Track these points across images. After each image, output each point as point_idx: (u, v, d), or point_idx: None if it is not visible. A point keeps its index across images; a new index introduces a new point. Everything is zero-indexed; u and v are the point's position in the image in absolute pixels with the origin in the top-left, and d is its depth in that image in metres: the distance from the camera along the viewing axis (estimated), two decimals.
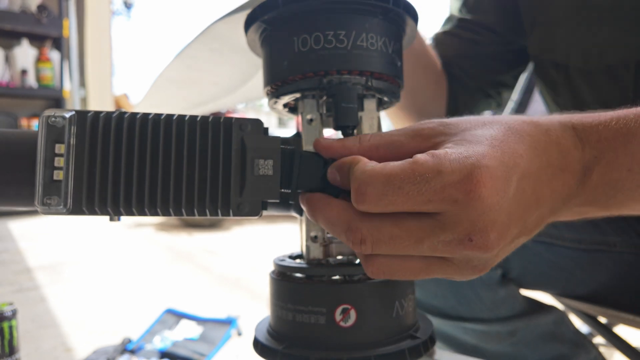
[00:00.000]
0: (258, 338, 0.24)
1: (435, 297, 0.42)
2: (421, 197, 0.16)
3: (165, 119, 0.20)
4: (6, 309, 0.59)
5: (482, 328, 0.41)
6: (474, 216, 0.16)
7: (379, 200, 0.16)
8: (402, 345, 0.22)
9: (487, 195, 0.16)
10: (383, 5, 0.22)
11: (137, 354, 0.89)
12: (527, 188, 0.17)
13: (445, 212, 0.16)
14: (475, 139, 0.17)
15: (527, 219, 0.18)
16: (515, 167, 0.17)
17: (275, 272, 0.25)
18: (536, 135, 0.18)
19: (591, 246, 0.41)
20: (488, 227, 0.16)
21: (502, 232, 0.17)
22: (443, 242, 0.17)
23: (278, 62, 0.23)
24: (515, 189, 0.17)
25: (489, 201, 0.16)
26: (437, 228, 0.17)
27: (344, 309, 0.21)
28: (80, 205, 0.19)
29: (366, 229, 0.17)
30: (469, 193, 0.16)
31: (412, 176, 0.16)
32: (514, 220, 0.17)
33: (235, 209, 0.20)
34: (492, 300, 0.41)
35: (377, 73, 0.23)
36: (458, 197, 0.16)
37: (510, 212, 0.17)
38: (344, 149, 0.20)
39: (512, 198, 0.17)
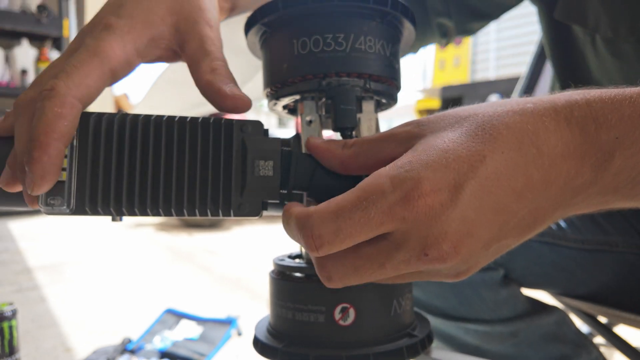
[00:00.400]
0: (258, 337, 0.24)
1: (437, 297, 0.42)
2: (372, 221, 0.16)
3: (166, 120, 0.20)
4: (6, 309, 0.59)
5: (484, 329, 0.41)
6: (423, 231, 0.16)
7: (335, 237, 0.16)
8: (400, 343, 0.22)
9: (429, 208, 0.16)
10: (381, 8, 0.22)
11: (137, 354, 0.89)
12: (494, 189, 0.16)
13: (396, 231, 0.16)
14: (430, 146, 0.17)
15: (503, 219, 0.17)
16: (470, 172, 0.16)
17: (274, 271, 0.25)
18: (521, 127, 0.17)
19: (594, 246, 0.41)
20: (439, 239, 0.16)
21: (458, 240, 0.16)
22: (402, 261, 0.17)
23: (278, 64, 0.24)
24: (472, 193, 0.16)
25: (432, 213, 0.16)
26: (392, 249, 0.17)
27: (343, 308, 0.22)
28: (83, 205, 0.19)
29: (331, 266, 0.18)
30: (412, 209, 0.16)
31: (359, 203, 0.16)
32: (477, 225, 0.16)
33: (235, 209, 0.20)
34: (494, 300, 0.41)
35: (375, 75, 0.23)
36: (404, 214, 0.16)
37: (465, 219, 0.16)
38: (327, 152, 0.20)
39: (467, 204, 0.16)
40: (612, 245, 0.41)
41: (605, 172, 0.17)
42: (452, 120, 0.18)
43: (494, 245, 0.17)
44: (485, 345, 0.42)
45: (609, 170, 0.17)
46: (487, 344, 0.42)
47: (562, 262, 0.42)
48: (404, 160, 0.17)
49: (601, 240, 0.41)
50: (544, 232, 0.41)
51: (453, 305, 0.41)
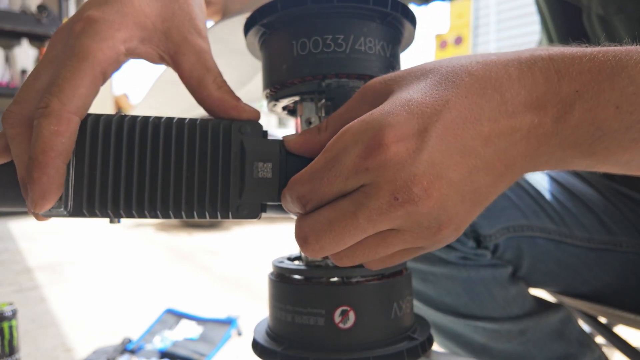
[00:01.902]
0: (257, 339, 0.24)
1: (449, 294, 0.41)
2: (340, 178, 0.17)
3: (165, 122, 0.20)
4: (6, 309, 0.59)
5: (493, 327, 0.41)
6: (390, 176, 0.16)
7: (314, 196, 0.18)
8: (400, 346, 0.22)
9: (394, 154, 0.16)
10: (381, 9, 0.22)
11: (137, 354, 0.89)
12: (460, 132, 0.16)
13: (367, 182, 0.17)
14: (395, 98, 0.17)
15: (472, 163, 0.17)
16: (434, 115, 0.16)
17: (274, 273, 0.25)
18: (484, 74, 0.17)
19: (599, 245, 0.41)
20: (408, 182, 0.16)
21: (429, 182, 0.16)
22: (375, 210, 0.17)
23: (277, 65, 0.24)
24: (437, 137, 0.16)
25: (398, 159, 0.16)
26: (364, 199, 0.17)
27: (343, 311, 0.22)
28: (80, 207, 0.19)
29: (306, 224, 0.18)
30: (374, 159, 0.16)
31: (325, 163, 0.17)
32: (446, 167, 0.16)
33: (234, 211, 0.20)
34: (504, 298, 0.41)
35: (375, 77, 0.23)
36: (367, 165, 0.16)
37: (432, 162, 0.16)
38: (306, 143, 0.20)
39: (433, 147, 0.16)
40: (617, 244, 0.41)
41: (565, 124, 0.17)
42: (418, 73, 0.18)
43: (467, 191, 0.17)
44: (493, 343, 0.42)
45: (568, 122, 0.17)
46: (494, 342, 0.42)
47: (567, 259, 0.42)
48: (367, 114, 0.17)
49: (606, 239, 0.41)
50: (550, 229, 0.41)
51: (464, 302, 0.41)
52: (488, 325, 0.41)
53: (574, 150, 0.17)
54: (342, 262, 0.19)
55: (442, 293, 0.42)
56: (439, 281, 0.41)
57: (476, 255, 0.40)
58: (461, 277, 0.40)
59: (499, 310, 0.41)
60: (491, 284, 0.41)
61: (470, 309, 0.41)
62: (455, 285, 0.41)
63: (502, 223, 0.39)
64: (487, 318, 0.41)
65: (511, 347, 0.42)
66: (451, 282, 0.41)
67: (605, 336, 0.46)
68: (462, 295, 0.41)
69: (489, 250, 0.41)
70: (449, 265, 0.40)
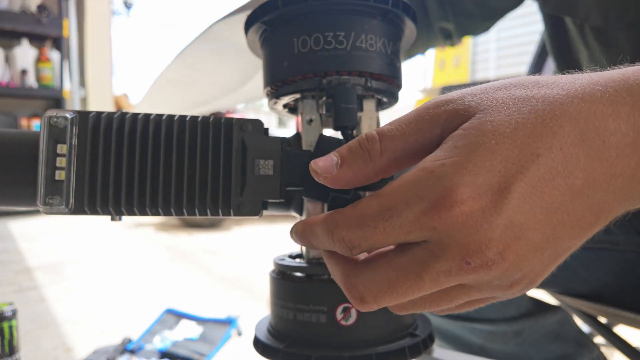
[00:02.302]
0: (259, 337, 0.24)
1: None
2: (399, 231, 0.15)
3: (166, 119, 0.20)
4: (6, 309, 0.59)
5: (490, 328, 0.41)
6: (461, 239, 0.14)
7: (361, 243, 0.16)
8: (402, 343, 0.22)
9: (467, 216, 0.14)
10: (382, 6, 0.22)
11: (137, 354, 0.89)
12: (547, 189, 0.14)
13: (430, 239, 0.15)
14: (472, 140, 0.15)
15: (557, 219, 0.14)
16: (519, 173, 0.14)
17: (275, 271, 0.25)
18: (587, 117, 0.14)
19: (597, 245, 0.41)
20: (482, 247, 0.14)
21: (505, 246, 0.14)
22: (442, 272, 0.15)
23: (278, 63, 0.24)
24: (520, 197, 0.14)
25: (471, 222, 0.14)
26: (429, 259, 0.15)
27: (345, 308, 0.22)
28: (82, 205, 0.19)
29: (362, 285, 0.16)
30: (443, 219, 0.14)
31: (381, 212, 0.15)
32: (526, 228, 0.14)
33: (235, 209, 0.20)
34: None
35: (376, 74, 0.23)
36: (434, 224, 0.14)
37: (511, 223, 0.14)
38: (355, 176, 0.17)
39: (514, 208, 0.14)
40: (614, 244, 0.41)
41: None
42: (507, 99, 0.15)
43: (548, 249, 0.15)
44: (490, 344, 0.42)
45: None
46: (491, 343, 0.42)
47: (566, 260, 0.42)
48: (437, 162, 0.15)
49: (604, 238, 0.42)
50: None
51: None
52: (484, 327, 0.41)
53: None
54: (401, 312, 0.17)
55: None
56: None
57: None
58: None
59: (495, 312, 0.41)
60: None
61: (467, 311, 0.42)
62: None
63: None
64: (483, 320, 0.41)
65: (508, 348, 0.42)
66: None
67: (605, 336, 0.46)
68: None
69: None
70: None
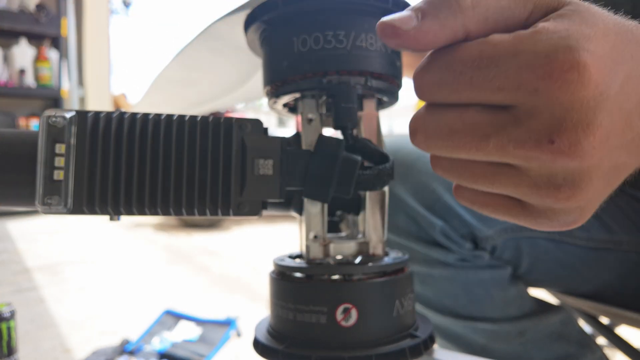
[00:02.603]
0: (258, 338, 0.24)
1: (448, 296, 0.41)
2: (488, 84, 0.13)
3: (165, 119, 0.20)
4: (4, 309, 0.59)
5: (492, 327, 0.41)
6: (560, 111, 0.12)
7: (433, 87, 0.14)
8: (403, 344, 0.22)
9: (582, 85, 0.12)
10: (382, 5, 0.22)
11: (136, 355, 0.89)
12: (633, 97, 0.13)
13: (522, 104, 0.13)
14: (589, 17, 0.13)
15: (627, 135, 0.13)
16: (623, 70, 0.13)
17: (275, 271, 0.25)
18: None
19: (599, 244, 0.41)
20: (578, 128, 0.12)
21: (599, 137, 0.12)
22: (515, 140, 0.13)
23: (278, 62, 0.23)
24: (620, 87, 0.12)
25: (583, 94, 0.12)
26: (509, 123, 0.13)
27: (345, 308, 0.21)
28: (80, 204, 0.19)
29: (422, 119, 0.14)
30: (556, 79, 0.12)
31: (478, 59, 0.13)
32: (612, 131, 0.13)
33: (235, 209, 0.20)
34: (503, 299, 0.41)
35: (377, 73, 0.23)
36: (539, 85, 0.12)
37: (612, 119, 0.12)
38: (444, 30, 0.14)
39: (614, 97, 0.12)
40: (617, 243, 0.41)
41: None
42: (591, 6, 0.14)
43: (610, 166, 0.14)
44: (492, 344, 0.42)
45: None
46: (494, 343, 0.42)
47: (567, 259, 0.42)
48: (558, 25, 0.13)
49: (606, 238, 0.41)
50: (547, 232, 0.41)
51: (463, 303, 0.41)
52: (487, 326, 0.41)
53: None
54: (438, 171, 0.15)
55: (442, 295, 0.42)
56: (438, 283, 0.41)
57: (474, 257, 0.40)
58: (460, 278, 0.40)
59: (498, 311, 0.41)
60: (490, 285, 0.41)
61: (469, 310, 0.41)
62: (454, 287, 0.41)
63: (501, 224, 0.39)
64: (486, 319, 0.41)
65: (510, 348, 0.42)
66: (450, 284, 0.41)
67: (606, 336, 0.46)
68: (461, 297, 0.41)
69: (486, 251, 0.41)
70: (447, 267, 0.40)
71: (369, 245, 0.25)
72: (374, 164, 0.23)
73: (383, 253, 0.25)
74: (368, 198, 0.24)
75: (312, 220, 0.23)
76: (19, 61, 2.65)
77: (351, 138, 0.23)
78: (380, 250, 0.25)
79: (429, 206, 0.39)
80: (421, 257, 0.40)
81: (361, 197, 0.25)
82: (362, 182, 0.22)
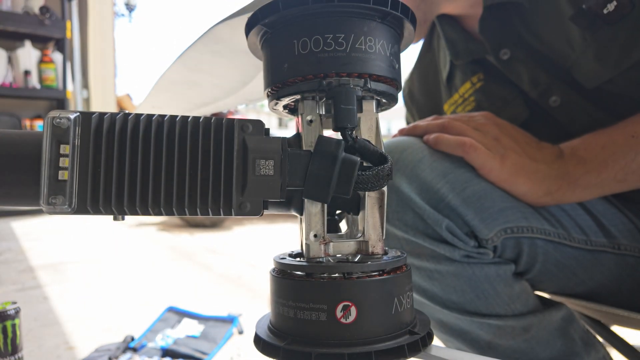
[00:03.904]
0: (259, 335, 0.24)
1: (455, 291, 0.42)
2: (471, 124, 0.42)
3: (168, 120, 0.20)
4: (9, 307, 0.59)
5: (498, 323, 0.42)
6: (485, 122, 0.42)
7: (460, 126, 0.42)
8: (401, 340, 0.22)
9: (489, 123, 0.42)
10: (381, 9, 0.22)
11: (139, 352, 0.89)
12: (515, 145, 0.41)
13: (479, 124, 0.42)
14: None
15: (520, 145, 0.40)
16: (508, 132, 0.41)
17: (275, 270, 0.25)
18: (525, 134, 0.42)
19: (597, 247, 0.42)
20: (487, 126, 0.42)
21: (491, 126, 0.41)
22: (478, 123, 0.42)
23: (278, 64, 0.24)
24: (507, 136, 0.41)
25: (489, 123, 0.42)
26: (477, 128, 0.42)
27: (345, 306, 0.22)
28: (85, 204, 0.19)
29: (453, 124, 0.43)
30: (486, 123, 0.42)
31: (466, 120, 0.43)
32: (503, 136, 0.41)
33: (237, 209, 0.20)
34: (509, 295, 0.42)
35: (376, 75, 0.23)
36: (480, 121, 0.42)
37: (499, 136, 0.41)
38: None
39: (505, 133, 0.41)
40: (615, 247, 0.41)
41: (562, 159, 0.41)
42: None
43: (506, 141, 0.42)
44: (498, 340, 0.42)
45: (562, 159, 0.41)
46: (499, 339, 0.42)
47: (565, 261, 0.42)
48: None
49: (604, 241, 0.42)
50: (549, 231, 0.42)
51: (470, 299, 0.42)
52: (493, 322, 0.42)
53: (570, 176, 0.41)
54: None
55: (449, 290, 0.42)
56: (445, 279, 0.42)
57: (479, 254, 0.41)
58: (466, 274, 0.41)
59: (504, 307, 0.42)
60: (496, 281, 0.41)
61: (476, 305, 0.42)
62: (461, 282, 0.42)
63: (500, 225, 0.40)
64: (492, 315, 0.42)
65: (515, 344, 0.42)
66: (457, 279, 0.42)
67: (602, 334, 0.45)
68: (467, 292, 0.42)
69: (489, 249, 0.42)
70: (454, 263, 0.41)
71: (368, 244, 0.25)
72: (373, 164, 0.23)
73: (382, 252, 0.25)
74: (367, 198, 0.25)
75: (312, 220, 0.24)
76: (23, 63, 2.68)
77: (351, 139, 0.23)
78: (379, 249, 0.25)
79: (434, 205, 0.40)
80: (428, 253, 0.41)
81: (360, 197, 0.26)
82: (362, 182, 0.22)
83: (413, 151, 0.42)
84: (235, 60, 0.39)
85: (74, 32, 2.93)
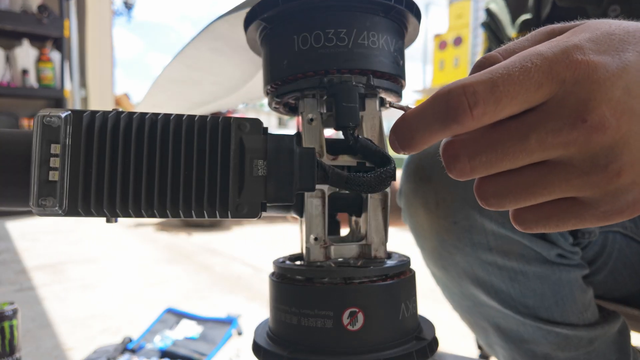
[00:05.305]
0: (259, 343, 0.23)
1: (534, 295, 0.39)
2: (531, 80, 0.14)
3: (162, 118, 0.19)
4: (7, 308, 0.59)
5: (568, 332, 0.39)
6: (584, 94, 0.14)
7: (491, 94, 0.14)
8: (409, 347, 0.21)
9: (593, 69, 0.14)
10: (385, 2, 0.22)
11: (137, 353, 0.89)
12: None
13: (552, 98, 0.15)
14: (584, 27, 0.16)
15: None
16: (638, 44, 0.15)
17: (276, 274, 0.25)
18: None
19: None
20: (602, 104, 0.14)
21: (622, 111, 0.14)
22: (552, 130, 0.14)
23: (278, 61, 0.23)
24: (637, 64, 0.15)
25: (596, 77, 0.14)
26: (543, 117, 0.15)
27: (352, 312, 0.21)
28: (76, 206, 0.19)
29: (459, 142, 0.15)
30: (575, 69, 0.14)
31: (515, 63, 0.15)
32: (638, 101, 0.15)
33: (233, 211, 0.19)
34: (583, 302, 0.39)
35: (379, 72, 0.22)
36: (565, 75, 0.14)
37: (629, 90, 0.14)
38: None
39: (632, 75, 0.15)
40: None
41: None
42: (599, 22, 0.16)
43: None
44: (558, 352, 0.39)
45: None
46: (561, 350, 0.39)
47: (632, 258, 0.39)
48: (561, 37, 0.15)
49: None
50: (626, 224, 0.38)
51: (548, 305, 0.39)
52: (563, 331, 0.39)
53: None
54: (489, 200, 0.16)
55: (528, 294, 0.39)
56: (529, 281, 0.39)
57: (571, 253, 0.38)
58: (553, 277, 0.38)
59: (578, 316, 0.39)
60: (575, 287, 0.39)
61: (552, 312, 0.39)
62: (544, 286, 0.39)
63: None
64: (565, 323, 0.39)
65: (574, 357, 0.39)
66: (541, 282, 0.39)
67: None
68: (547, 297, 0.39)
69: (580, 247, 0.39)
70: (545, 264, 0.38)
71: (371, 247, 0.24)
72: (375, 164, 0.22)
73: (385, 255, 0.24)
74: (370, 199, 0.24)
75: (313, 222, 0.23)
76: (21, 62, 2.66)
77: (352, 138, 0.23)
78: (382, 253, 0.24)
79: None
80: (519, 251, 0.38)
81: (363, 199, 0.25)
82: (363, 184, 0.21)
83: None
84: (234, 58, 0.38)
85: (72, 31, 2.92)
